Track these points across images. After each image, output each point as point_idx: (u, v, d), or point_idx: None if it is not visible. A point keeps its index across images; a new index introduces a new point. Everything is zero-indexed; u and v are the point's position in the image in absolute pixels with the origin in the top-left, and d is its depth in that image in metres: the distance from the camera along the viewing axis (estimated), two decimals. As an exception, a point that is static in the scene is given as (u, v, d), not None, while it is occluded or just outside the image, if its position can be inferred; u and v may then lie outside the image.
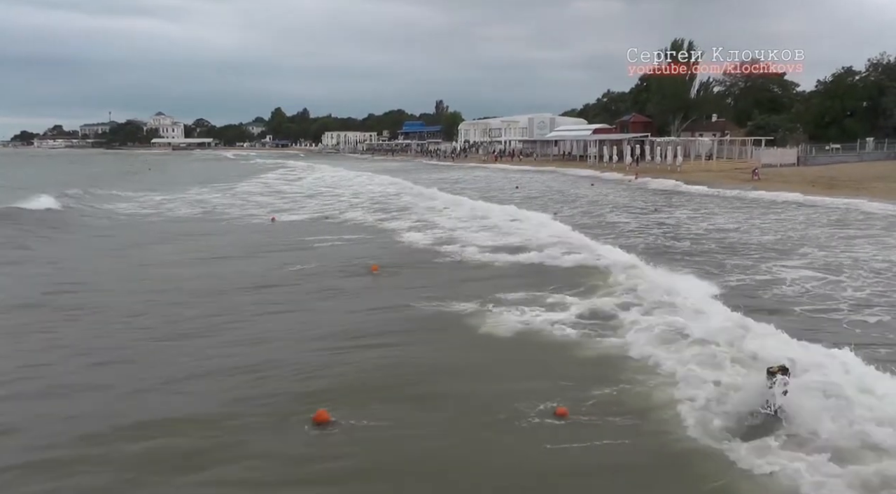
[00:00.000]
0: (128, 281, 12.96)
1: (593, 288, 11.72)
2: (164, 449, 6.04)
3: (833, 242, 18.09)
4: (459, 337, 9.32)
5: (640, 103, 79.35)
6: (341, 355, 8.52)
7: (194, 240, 18.78)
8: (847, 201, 27.82)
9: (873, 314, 10.53)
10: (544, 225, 19.55)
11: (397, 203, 28.35)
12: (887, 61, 66.57)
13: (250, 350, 8.73)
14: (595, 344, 8.86)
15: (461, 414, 6.84)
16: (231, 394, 7.26)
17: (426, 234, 18.65)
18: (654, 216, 25.60)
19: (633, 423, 6.54)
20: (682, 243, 18.38)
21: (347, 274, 13.59)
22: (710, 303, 10.11)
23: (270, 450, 6.04)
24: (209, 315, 10.40)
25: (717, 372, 7.37)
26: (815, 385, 6.44)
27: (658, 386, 7.35)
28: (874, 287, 12.41)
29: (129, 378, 7.75)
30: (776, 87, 78.04)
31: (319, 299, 11.59)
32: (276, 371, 7.96)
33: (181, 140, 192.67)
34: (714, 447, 5.95)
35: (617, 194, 36.12)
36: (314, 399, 7.05)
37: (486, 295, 11.10)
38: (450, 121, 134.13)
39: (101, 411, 6.84)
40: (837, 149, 57.30)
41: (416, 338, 9.28)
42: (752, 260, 15.36)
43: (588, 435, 6.28)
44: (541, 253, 14.88)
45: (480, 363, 8.34)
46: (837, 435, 5.83)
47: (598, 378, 7.62)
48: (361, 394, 7.27)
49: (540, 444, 6.14)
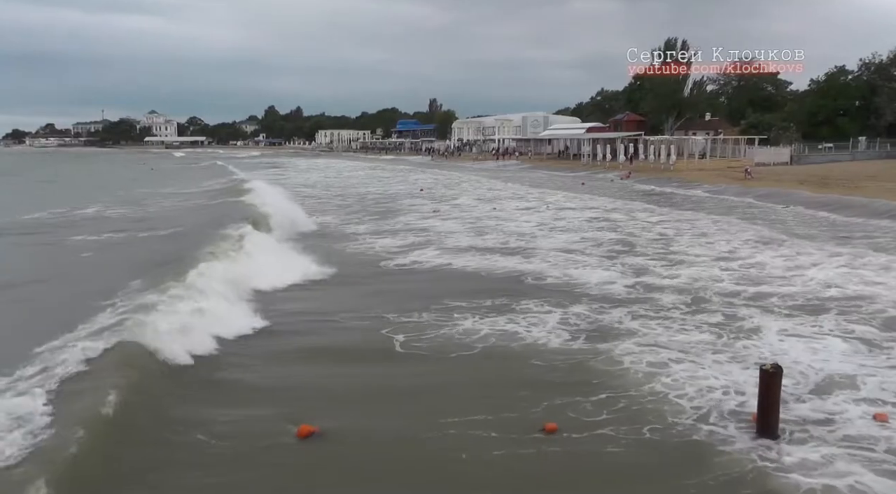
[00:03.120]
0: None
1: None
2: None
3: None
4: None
5: (634, 102, 79.31)
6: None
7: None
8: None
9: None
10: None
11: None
12: (879, 61, 66.85)
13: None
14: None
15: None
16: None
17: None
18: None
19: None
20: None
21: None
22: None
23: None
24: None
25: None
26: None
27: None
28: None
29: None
30: (769, 86, 78.22)
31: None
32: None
33: (174, 138, 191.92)
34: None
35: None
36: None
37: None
38: (443, 120, 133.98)
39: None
40: (830, 148, 57.49)
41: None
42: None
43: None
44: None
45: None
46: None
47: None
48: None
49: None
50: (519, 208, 27.41)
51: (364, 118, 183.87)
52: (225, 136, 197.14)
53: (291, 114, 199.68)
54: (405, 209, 27.28)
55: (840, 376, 8.00)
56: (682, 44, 70.92)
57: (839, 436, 6.51)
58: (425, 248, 17.26)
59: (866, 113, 65.49)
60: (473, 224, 22.16)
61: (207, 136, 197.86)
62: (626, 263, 15.08)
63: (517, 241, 18.30)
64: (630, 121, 71.69)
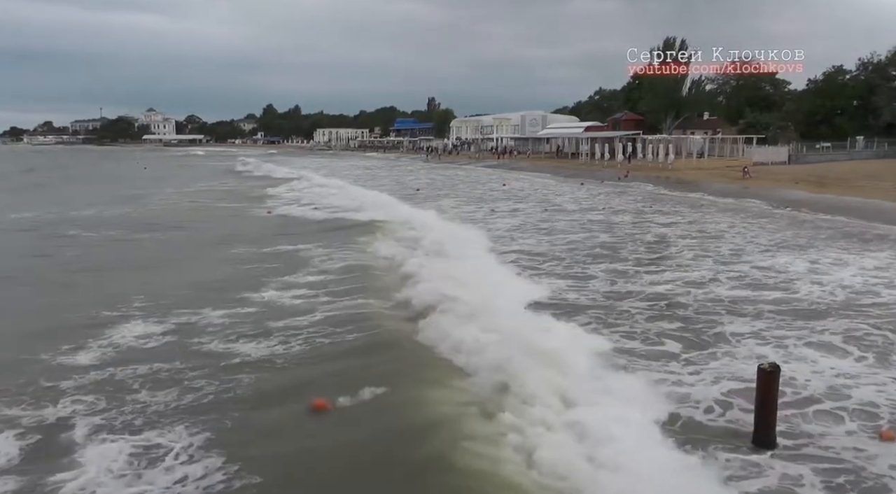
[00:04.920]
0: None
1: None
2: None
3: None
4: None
5: (633, 101, 79.15)
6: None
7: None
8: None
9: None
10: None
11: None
12: (878, 61, 66.83)
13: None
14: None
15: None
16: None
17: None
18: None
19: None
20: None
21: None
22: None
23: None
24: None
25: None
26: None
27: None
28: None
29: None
30: (768, 86, 78.10)
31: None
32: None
33: (172, 136, 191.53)
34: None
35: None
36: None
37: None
38: (441, 119, 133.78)
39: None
40: (828, 148, 57.49)
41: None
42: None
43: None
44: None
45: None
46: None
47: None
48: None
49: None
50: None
51: (362, 116, 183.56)
52: (223, 135, 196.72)
53: (290, 112, 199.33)
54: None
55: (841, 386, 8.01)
56: (681, 43, 70.92)
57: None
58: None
59: (864, 112, 65.48)
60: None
61: (205, 134, 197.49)
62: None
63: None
64: (628, 121, 71.58)
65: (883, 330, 10.11)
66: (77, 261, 16.02)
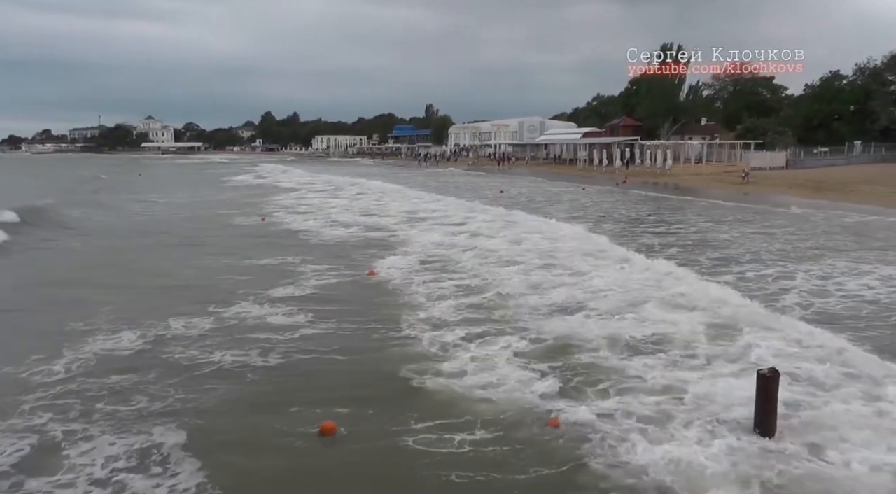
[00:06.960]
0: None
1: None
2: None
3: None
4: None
5: (630, 107, 79.46)
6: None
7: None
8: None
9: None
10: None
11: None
12: (874, 66, 67.12)
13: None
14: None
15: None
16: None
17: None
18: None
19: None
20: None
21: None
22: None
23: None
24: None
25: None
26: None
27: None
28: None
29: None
30: (765, 91, 78.40)
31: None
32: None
33: (171, 144, 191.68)
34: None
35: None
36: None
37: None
38: (440, 125, 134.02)
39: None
40: (826, 153, 57.65)
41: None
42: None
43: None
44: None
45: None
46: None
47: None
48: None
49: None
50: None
51: (361, 124, 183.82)
52: (221, 142, 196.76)
53: (288, 119, 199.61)
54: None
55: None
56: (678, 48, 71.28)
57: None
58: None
59: (861, 117, 65.72)
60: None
61: (204, 142, 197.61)
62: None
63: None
64: (626, 126, 71.87)
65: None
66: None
